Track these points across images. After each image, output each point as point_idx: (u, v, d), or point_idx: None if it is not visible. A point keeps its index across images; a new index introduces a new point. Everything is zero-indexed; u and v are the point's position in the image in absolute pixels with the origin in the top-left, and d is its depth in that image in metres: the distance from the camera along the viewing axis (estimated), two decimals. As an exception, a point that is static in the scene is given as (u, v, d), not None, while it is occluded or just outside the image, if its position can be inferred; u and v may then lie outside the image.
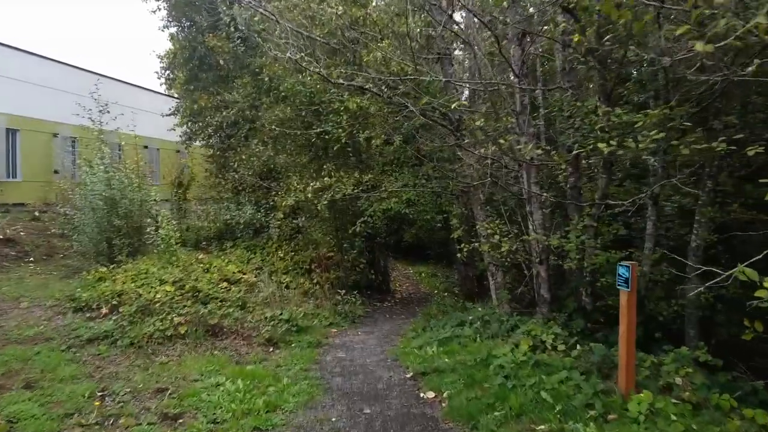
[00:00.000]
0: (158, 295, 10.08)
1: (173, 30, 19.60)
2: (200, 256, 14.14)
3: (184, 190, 21.63)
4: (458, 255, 11.92)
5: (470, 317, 10.34)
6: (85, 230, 14.19)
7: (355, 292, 13.59)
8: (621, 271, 6.08)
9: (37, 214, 18.93)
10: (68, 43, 63.12)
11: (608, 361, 6.79)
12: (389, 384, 7.41)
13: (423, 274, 23.92)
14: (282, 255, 15.40)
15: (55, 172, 21.46)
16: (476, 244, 12.17)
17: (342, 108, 12.41)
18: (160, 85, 20.44)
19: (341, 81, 11.15)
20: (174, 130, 19.69)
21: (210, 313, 9.55)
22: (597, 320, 10.27)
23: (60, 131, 22.23)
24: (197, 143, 20.15)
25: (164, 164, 25.84)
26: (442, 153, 13.23)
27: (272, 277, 13.78)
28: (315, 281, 14.08)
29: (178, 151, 25.62)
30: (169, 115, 20.59)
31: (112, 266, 12.70)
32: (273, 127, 13.30)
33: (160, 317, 9.19)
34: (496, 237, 10.33)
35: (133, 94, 26.12)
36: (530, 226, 10.68)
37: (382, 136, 12.48)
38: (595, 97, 10.14)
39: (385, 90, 11.55)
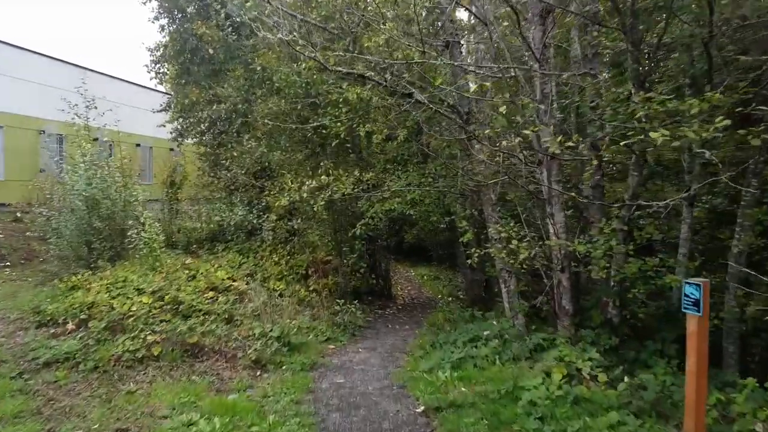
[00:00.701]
0: (133, 308, 8.78)
1: (164, 21, 18.26)
2: (187, 261, 12.81)
3: (176, 190, 20.29)
4: (468, 261, 10.62)
5: (485, 332, 9.03)
6: (63, 233, 12.86)
7: (356, 301, 12.26)
8: (689, 290, 4.75)
9: (19, 215, 17.56)
10: (57, 42, 61.15)
11: (665, 398, 5.47)
12: (396, 422, 6.08)
13: (425, 277, 22.60)
14: (276, 259, 14.06)
15: (41, 170, 20.11)
16: (489, 248, 10.88)
17: (341, 99, 11.09)
18: (150, 79, 19.15)
19: (339, 68, 9.84)
20: (164, 126, 18.31)
21: (190, 329, 8.22)
22: (624, 334, 9.00)
23: (47, 128, 20.88)
24: (189, 141, 18.77)
25: (157, 163, 24.47)
26: (450, 149, 11.91)
27: (265, 284, 12.46)
28: (311, 288, 12.75)
29: (171, 150, 24.25)
30: (160, 111, 19.21)
31: (89, 272, 11.38)
32: (266, 121, 11.96)
33: (132, 335, 7.87)
34: (514, 242, 8.99)
35: (124, 90, 24.78)
36: (550, 230, 9.40)
37: (385, 130, 11.16)
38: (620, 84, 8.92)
39: (389, 78, 10.24)
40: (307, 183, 10.73)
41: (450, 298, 18.02)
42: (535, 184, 10.26)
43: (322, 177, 10.74)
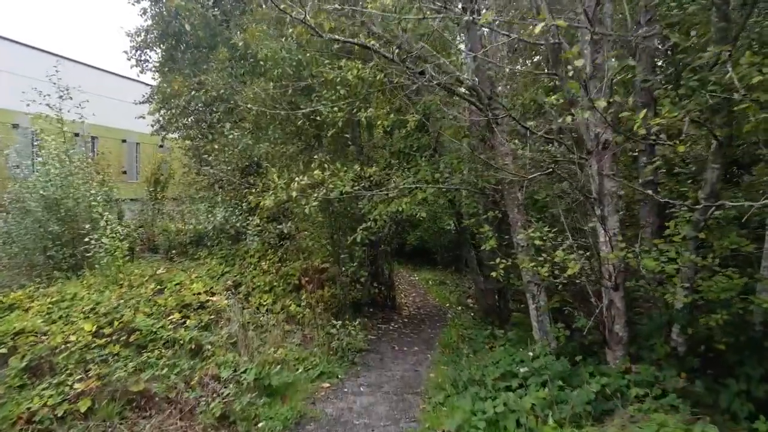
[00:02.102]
0: (72, 337, 6.58)
1: (146, 4, 16.05)
2: (160, 271, 10.61)
3: (161, 188, 18.11)
4: (493, 274, 8.48)
5: (521, 369, 6.84)
6: (17, 238, 10.68)
7: (356, 319, 10.05)
8: None
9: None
10: (35, 31, 57.13)
11: None
12: None
13: (430, 282, 20.42)
14: (266, 267, 11.86)
15: (16, 167, 17.92)
16: (513, 257, 8.81)
17: (338, 79, 8.93)
18: (131, 67, 16.93)
19: (337, 36, 7.68)
20: (144, 117, 16.07)
21: (137, 370, 6.01)
22: (692, 369, 6.87)
23: (20, 121, 18.65)
24: (173, 135, 16.53)
25: (145, 161, 22.27)
26: (469, 139, 9.73)
27: (249, 299, 10.27)
28: (304, 302, 10.55)
29: (161, 146, 21.99)
30: (143, 102, 16.97)
31: (38, 286, 9.21)
32: (250, 106, 9.76)
33: (57, 380, 5.67)
34: (559, 253, 6.82)
35: (108, 82, 22.54)
36: (600, 237, 7.27)
37: (391, 116, 8.97)
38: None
39: (396, 51, 8.08)
40: (297, 179, 8.53)
41: (459, 308, 15.87)
42: (575, 182, 8.12)
43: (316, 172, 8.55)
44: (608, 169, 7.03)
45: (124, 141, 22.51)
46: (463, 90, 9.06)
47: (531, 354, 7.44)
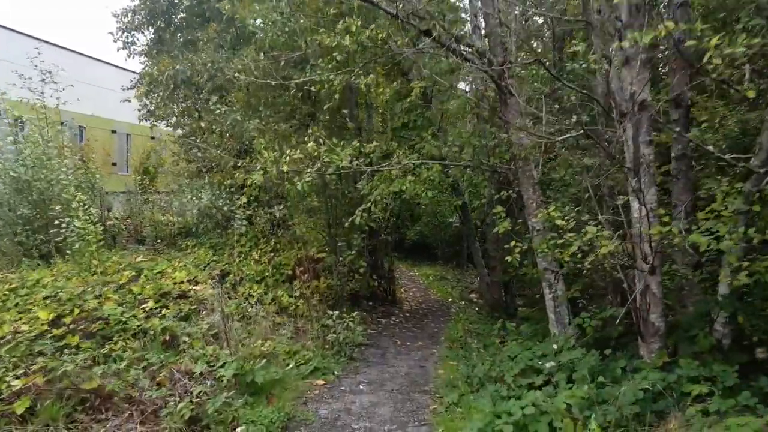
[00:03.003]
0: (24, 327, 5.52)
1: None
2: (139, 259, 9.54)
3: (150, 178, 17.03)
4: (508, 259, 7.45)
5: (547, 364, 5.79)
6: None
7: (354, 311, 8.97)
8: None
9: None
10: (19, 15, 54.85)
11: None
12: None
13: (430, 277, 19.33)
14: (257, 257, 10.79)
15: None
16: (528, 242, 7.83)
17: (334, 44, 7.88)
18: (118, 50, 15.88)
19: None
20: (129, 101, 14.96)
21: (90, 365, 4.94)
22: (738, 363, 5.83)
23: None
24: (162, 124, 15.41)
25: (136, 152, 21.10)
26: (480, 109, 8.69)
27: (237, 289, 9.22)
28: (298, 293, 9.48)
29: (153, 138, 20.83)
30: (131, 88, 15.85)
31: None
32: (236, 74, 8.70)
33: (-5, 376, 4.61)
34: (590, 229, 5.80)
35: (97, 70, 21.34)
36: (635, 213, 6.27)
37: (393, 83, 7.94)
38: None
39: (400, 6, 7.07)
40: (289, 152, 7.48)
41: (463, 302, 14.83)
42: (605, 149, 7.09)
43: (310, 144, 7.50)
44: (645, 134, 6.02)
45: (113, 132, 21.36)
46: (472, 56, 8.05)
47: (555, 347, 6.38)
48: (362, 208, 8.13)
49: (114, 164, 20.71)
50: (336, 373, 6.82)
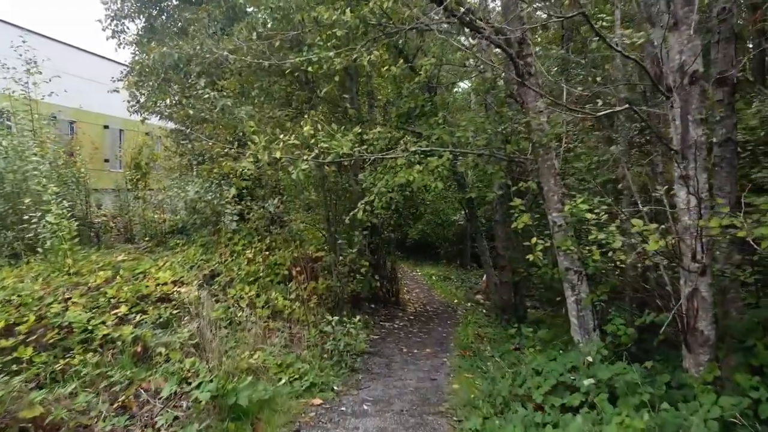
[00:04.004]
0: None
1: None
2: (120, 258, 8.59)
3: (142, 174, 16.02)
4: (530, 257, 6.53)
5: (585, 381, 4.85)
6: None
7: (356, 318, 8.01)
8: None
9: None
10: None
11: None
12: None
13: (434, 277, 18.40)
14: (251, 256, 9.83)
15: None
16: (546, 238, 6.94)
17: (333, 18, 6.96)
18: (107, 39, 14.92)
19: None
20: (117, 91, 13.98)
21: (22, 387, 3.98)
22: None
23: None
24: (153, 119, 14.40)
25: (130, 149, 20.09)
26: (498, 92, 7.74)
27: (228, 291, 8.27)
28: (294, 295, 8.53)
29: (147, 134, 19.80)
30: (120, 80, 14.88)
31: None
32: (226, 54, 7.76)
33: None
34: (636, 223, 4.88)
35: (88, 63, 20.33)
36: (682, 203, 5.35)
37: (400, 61, 6.99)
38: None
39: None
40: (282, 137, 6.55)
41: (469, 304, 13.88)
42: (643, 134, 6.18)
43: (306, 128, 6.57)
44: (696, 111, 5.09)
45: (106, 127, 20.40)
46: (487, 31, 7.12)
47: (589, 359, 5.43)
48: (365, 201, 7.19)
49: (106, 161, 19.72)
50: (335, 388, 5.83)
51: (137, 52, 14.58)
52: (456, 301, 14.34)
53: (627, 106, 4.82)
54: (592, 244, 6.43)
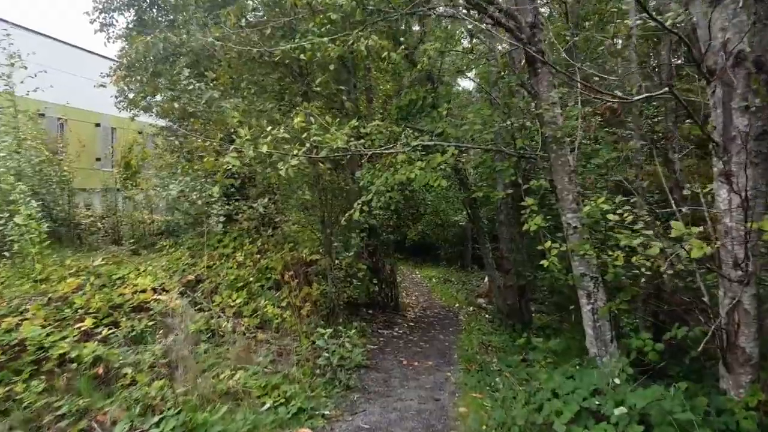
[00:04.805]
0: None
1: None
2: (97, 262, 7.85)
3: (132, 173, 15.31)
4: (544, 263, 5.83)
5: (615, 410, 4.13)
6: None
7: (352, 329, 7.29)
8: None
9: None
10: None
11: None
12: None
13: (434, 280, 17.69)
14: (241, 259, 9.10)
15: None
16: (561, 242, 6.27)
17: (328, 2, 6.25)
18: (95, 32, 14.20)
19: None
20: (104, 86, 13.23)
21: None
22: None
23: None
24: (144, 116, 13.62)
25: (121, 147, 19.33)
26: (507, 82, 7.02)
27: (213, 298, 7.54)
28: (285, 302, 7.80)
29: (140, 133, 19.00)
30: (109, 75, 14.10)
31: None
32: (212, 39, 7.04)
33: None
34: (675, 225, 4.16)
35: (77, 58, 19.54)
36: (723, 203, 4.64)
37: (401, 48, 6.27)
38: None
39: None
40: (271, 129, 5.82)
41: (471, 308, 13.16)
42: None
43: (297, 120, 5.84)
44: (740, 99, 4.38)
45: (97, 125, 19.65)
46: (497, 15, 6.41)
47: (616, 381, 4.70)
48: (362, 200, 6.46)
49: (98, 159, 18.97)
50: (327, 413, 5.06)
51: (127, 47, 13.79)
52: (457, 305, 13.62)
53: (667, 89, 4.07)
54: (616, 249, 5.74)
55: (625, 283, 6.91)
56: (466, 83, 21.34)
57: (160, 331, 5.60)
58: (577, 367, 6.05)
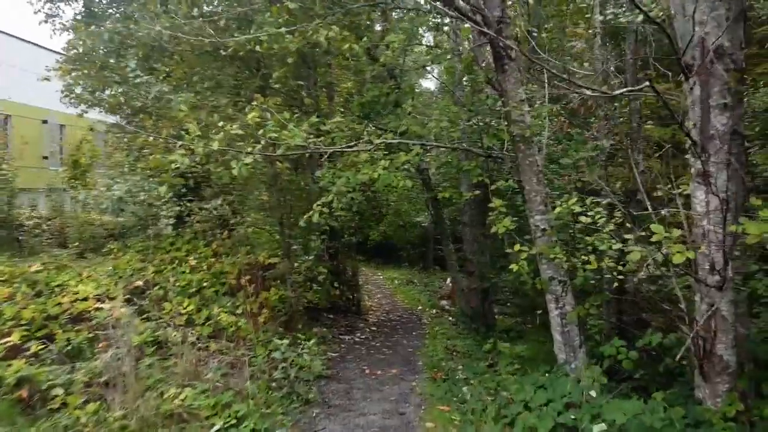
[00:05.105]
0: None
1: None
2: (34, 268, 7.19)
3: (81, 172, 14.45)
4: (513, 267, 5.54)
5: (595, 427, 3.85)
6: None
7: (312, 338, 6.86)
8: None
9: None
10: None
11: None
12: None
13: (396, 281, 17.36)
14: (194, 263, 8.54)
15: None
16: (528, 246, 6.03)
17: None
18: (39, 23, 13.32)
19: None
20: (48, 80, 12.38)
21: None
22: None
23: None
24: (90, 112, 12.77)
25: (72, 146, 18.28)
26: (476, 79, 6.72)
27: (163, 306, 6.99)
28: (241, 309, 7.32)
29: (91, 130, 17.97)
30: (55, 69, 13.23)
31: None
32: (159, 29, 6.52)
33: None
34: (655, 229, 3.89)
35: (20, 51, 18.38)
36: (699, 205, 4.43)
37: (363, 39, 5.89)
38: None
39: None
40: (222, 125, 5.36)
41: (435, 311, 12.87)
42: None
43: (251, 115, 5.39)
44: (719, 95, 4.16)
45: (44, 122, 18.58)
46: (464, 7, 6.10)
47: (592, 393, 4.43)
48: (321, 202, 6.05)
49: (45, 158, 17.93)
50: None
51: (74, 39, 12.95)
52: (420, 307, 13.31)
53: (647, 84, 3.81)
54: (586, 252, 5.50)
55: (593, 287, 6.73)
56: (427, 83, 21.15)
57: (100, 345, 5.06)
58: (547, 374, 5.79)
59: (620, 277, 5.25)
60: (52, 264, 8.03)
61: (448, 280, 15.45)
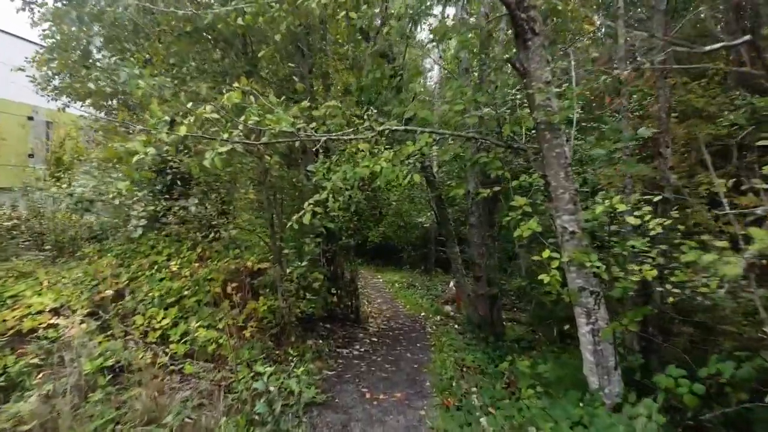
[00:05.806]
0: None
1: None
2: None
3: (64, 170, 13.42)
4: (542, 278, 4.57)
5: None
6: None
7: (306, 355, 5.87)
8: None
9: None
10: None
11: None
12: None
13: (396, 285, 16.33)
14: (175, 268, 7.54)
15: None
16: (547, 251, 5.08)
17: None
18: (17, 11, 12.29)
19: None
20: (23, 70, 11.31)
21: None
22: None
23: None
24: (69, 105, 11.71)
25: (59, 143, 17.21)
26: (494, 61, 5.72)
27: (135, 319, 6.00)
28: (223, 323, 6.31)
29: (81, 128, 16.93)
30: (33, 61, 12.18)
31: None
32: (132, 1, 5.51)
33: None
34: (757, 239, 2.88)
35: (5, 44, 17.35)
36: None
37: (366, 7, 4.89)
38: None
39: None
40: (195, 108, 4.36)
41: (439, 317, 11.87)
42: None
43: (228, 95, 4.38)
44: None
45: (30, 118, 17.53)
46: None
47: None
48: (314, 200, 5.05)
49: (31, 156, 16.89)
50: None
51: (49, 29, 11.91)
52: (423, 313, 12.31)
53: (749, 37, 2.81)
54: (628, 259, 4.53)
55: (629, 299, 5.75)
56: (429, 78, 20.06)
57: (40, 375, 4.05)
58: (581, 404, 4.80)
59: (675, 290, 4.29)
60: (12, 271, 7.05)
61: (451, 283, 14.48)
